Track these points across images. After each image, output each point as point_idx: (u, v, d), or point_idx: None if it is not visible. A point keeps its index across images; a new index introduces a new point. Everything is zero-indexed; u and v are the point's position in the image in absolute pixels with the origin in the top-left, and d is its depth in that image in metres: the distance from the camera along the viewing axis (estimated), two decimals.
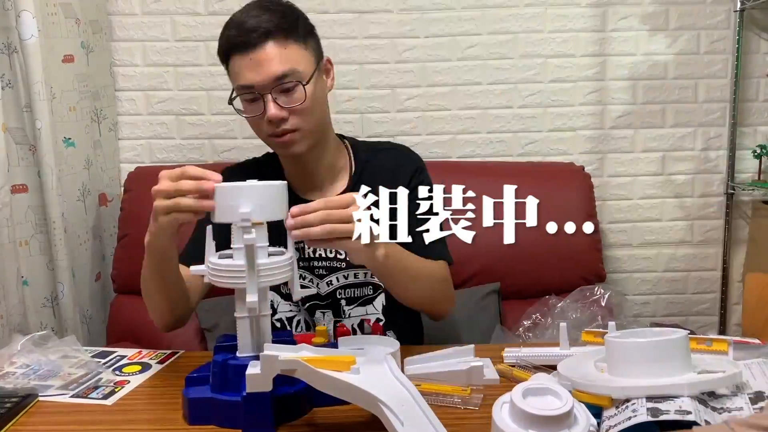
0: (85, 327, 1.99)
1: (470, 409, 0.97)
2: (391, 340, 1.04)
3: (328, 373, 0.85)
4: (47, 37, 1.80)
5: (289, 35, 1.23)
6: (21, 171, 1.78)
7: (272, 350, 0.90)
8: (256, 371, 0.88)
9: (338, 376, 0.85)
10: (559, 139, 2.30)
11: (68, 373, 1.13)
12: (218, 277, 0.98)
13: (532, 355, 1.11)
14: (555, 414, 0.73)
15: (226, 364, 0.96)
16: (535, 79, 2.28)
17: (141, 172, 2.10)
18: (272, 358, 0.87)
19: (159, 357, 1.23)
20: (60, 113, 1.88)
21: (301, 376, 0.87)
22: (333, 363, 0.87)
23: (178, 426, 0.94)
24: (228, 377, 0.94)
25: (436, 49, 2.23)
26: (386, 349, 0.96)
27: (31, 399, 1.04)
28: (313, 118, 1.27)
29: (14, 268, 1.69)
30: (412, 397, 0.82)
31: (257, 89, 1.22)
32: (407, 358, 1.10)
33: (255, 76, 1.21)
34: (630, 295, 2.36)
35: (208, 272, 0.99)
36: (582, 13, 2.26)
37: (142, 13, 2.22)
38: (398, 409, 0.79)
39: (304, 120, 1.24)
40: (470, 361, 1.06)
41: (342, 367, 0.87)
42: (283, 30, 1.22)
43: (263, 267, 0.97)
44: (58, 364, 1.15)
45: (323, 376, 0.85)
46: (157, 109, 2.27)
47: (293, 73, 1.22)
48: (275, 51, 1.21)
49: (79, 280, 1.95)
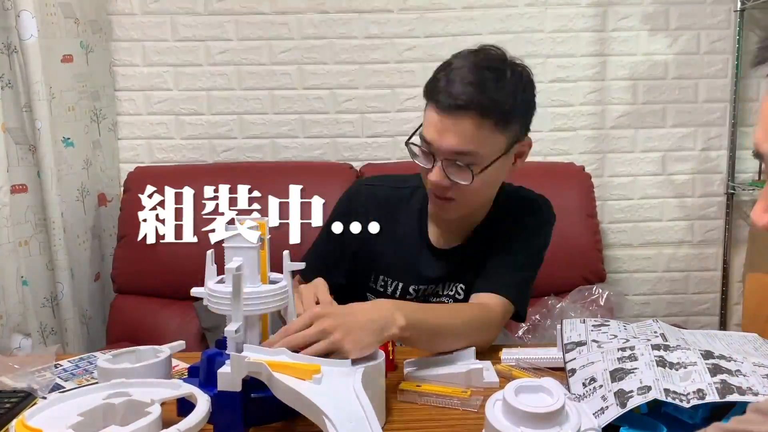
0: (84, 327, 1.99)
1: (469, 411, 0.97)
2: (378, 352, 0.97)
3: (283, 379, 0.84)
4: (46, 37, 1.80)
5: (488, 115, 1.13)
6: (21, 171, 1.78)
7: (249, 350, 0.90)
8: (227, 370, 0.88)
9: (292, 384, 0.83)
10: (560, 139, 2.30)
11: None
12: (209, 302, 0.97)
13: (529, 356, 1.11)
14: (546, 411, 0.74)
15: (212, 360, 0.96)
16: (536, 79, 2.26)
17: (140, 172, 2.10)
18: (241, 359, 0.87)
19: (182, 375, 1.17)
20: (59, 113, 1.88)
21: (264, 380, 0.87)
22: (297, 370, 0.86)
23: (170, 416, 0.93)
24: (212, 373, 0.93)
25: (436, 49, 2.23)
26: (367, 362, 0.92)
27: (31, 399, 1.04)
28: (477, 199, 1.24)
29: (14, 268, 1.69)
30: (365, 415, 0.80)
31: (433, 149, 1.16)
32: (407, 360, 1.10)
33: (436, 139, 1.15)
34: (630, 295, 2.36)
35: (207, 296, 0.98)
36: (582, 13, 2.25)
37: (142, 13, 2.22)
38: (343, 426, 0.77)
39: (466, 197, 1.20)
40: (470, 363, 1.06)
41: (304, 375, 0.85)
42: (484, 109, 1.12)
43: (252, 296, 0.94)
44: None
45: (279, 382, 0.84)
46: (156, 109, 2.27)
47: (471, 155, 1.14)
48: (466, 127, 1.13)
49: (78, 280, 1.95)
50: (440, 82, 1.16)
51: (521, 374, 1.06)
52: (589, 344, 1.01)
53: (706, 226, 2.37)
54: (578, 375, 0.94)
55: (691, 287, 2.40)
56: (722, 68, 2.29)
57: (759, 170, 2.27)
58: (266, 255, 0.98)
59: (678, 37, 2.27)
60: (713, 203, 2.36)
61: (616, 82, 2.29)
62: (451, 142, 1.13)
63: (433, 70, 1.23)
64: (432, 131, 1.15)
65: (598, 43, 2.27)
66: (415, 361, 1.09)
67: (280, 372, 0.85)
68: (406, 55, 2.25)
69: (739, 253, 2.37)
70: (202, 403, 0.85)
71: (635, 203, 2.35)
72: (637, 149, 2.32)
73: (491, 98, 1.13)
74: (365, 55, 2.25)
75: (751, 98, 2.31)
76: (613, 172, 2.33)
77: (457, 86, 1.13)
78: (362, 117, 2.27)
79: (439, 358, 1.09)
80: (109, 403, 0.87)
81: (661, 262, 2.38)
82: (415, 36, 2.24)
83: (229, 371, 0.87)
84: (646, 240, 2.36)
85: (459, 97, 1.12)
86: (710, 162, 2.34)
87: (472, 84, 1.13)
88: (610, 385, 0.88)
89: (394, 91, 2.27)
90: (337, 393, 0.83)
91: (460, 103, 1.12)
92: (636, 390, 0.85)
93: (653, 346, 0.94)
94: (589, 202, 2.12)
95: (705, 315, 2.41)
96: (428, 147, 1.17)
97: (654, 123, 2.31)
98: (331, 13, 2.23)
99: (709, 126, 2.32)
